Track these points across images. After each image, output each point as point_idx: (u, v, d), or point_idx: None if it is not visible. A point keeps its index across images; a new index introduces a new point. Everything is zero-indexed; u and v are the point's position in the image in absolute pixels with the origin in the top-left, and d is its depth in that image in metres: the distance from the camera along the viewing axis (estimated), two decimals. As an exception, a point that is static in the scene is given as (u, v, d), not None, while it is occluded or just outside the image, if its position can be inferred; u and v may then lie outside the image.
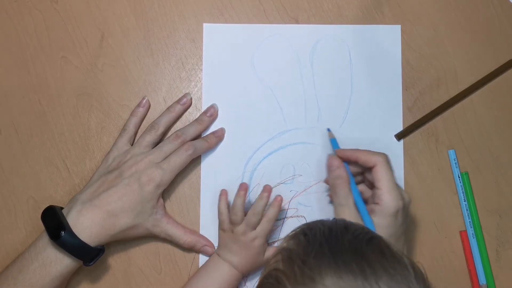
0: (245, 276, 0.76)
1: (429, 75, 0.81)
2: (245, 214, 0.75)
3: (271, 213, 0.75)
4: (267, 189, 0.76)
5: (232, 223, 0.75)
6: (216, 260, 0.75)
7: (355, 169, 0.75)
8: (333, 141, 0.78)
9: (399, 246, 0.70)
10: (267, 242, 0.76)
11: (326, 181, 0.79)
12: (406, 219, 0.72)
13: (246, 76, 0.81)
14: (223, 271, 0.74)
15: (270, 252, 0.76)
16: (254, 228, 0.74)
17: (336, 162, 0.74)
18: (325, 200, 0.79)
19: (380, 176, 0.71)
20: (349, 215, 0.70)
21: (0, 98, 0.81)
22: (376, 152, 0.73)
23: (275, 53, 0.81)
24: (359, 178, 0.76)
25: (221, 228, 0.76)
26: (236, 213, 0.75)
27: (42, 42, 0.81)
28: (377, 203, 0.70)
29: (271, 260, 0.55)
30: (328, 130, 0.79)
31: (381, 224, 0.69)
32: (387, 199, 0.70)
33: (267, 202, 0.76)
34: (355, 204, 0.71)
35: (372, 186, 0.73)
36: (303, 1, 0.82)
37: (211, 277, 0.75)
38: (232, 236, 0.75)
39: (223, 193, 0.78)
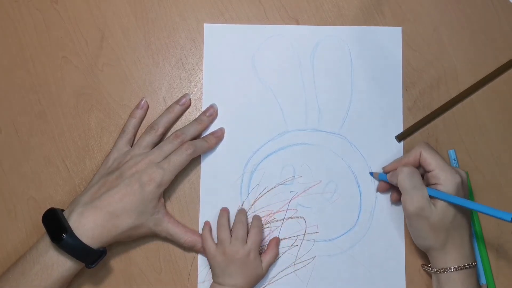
0: None
1: (429, 75, 0.81)
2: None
3: (255, 223, 0.77)
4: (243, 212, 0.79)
5: (221, 241, 0.75)
6: None
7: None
8: (381, 176, 0.77)
9: (468, 218, 0.72)
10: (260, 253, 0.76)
11: (379, 189, 0.78)
12: (467, 193, 0.72)
13: (247, 76, 0.81)
14: None
15: (266, 258, 0.76)
16: (244, 241, 0.75)
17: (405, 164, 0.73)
18: (325, 201, 0.79)
19: (428, 159, 0.71)
20: (423, 196, 0.70)
21: (0, 98, 0.81)
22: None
23: (275, 54, 0.81)
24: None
25: (220, 248, 0.76)
26: (223, 230, 0.76)
27: (42, 42, 0.81)
28: (436, 184, 0.71)
29: None
30: (371, 174, 0.79)
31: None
32: (444, 176, 0.70)
33: (246, 213, 0.78)
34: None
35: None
36: (303, 1, 0.82)
37: None
38: (227, 258, 0.74)
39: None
